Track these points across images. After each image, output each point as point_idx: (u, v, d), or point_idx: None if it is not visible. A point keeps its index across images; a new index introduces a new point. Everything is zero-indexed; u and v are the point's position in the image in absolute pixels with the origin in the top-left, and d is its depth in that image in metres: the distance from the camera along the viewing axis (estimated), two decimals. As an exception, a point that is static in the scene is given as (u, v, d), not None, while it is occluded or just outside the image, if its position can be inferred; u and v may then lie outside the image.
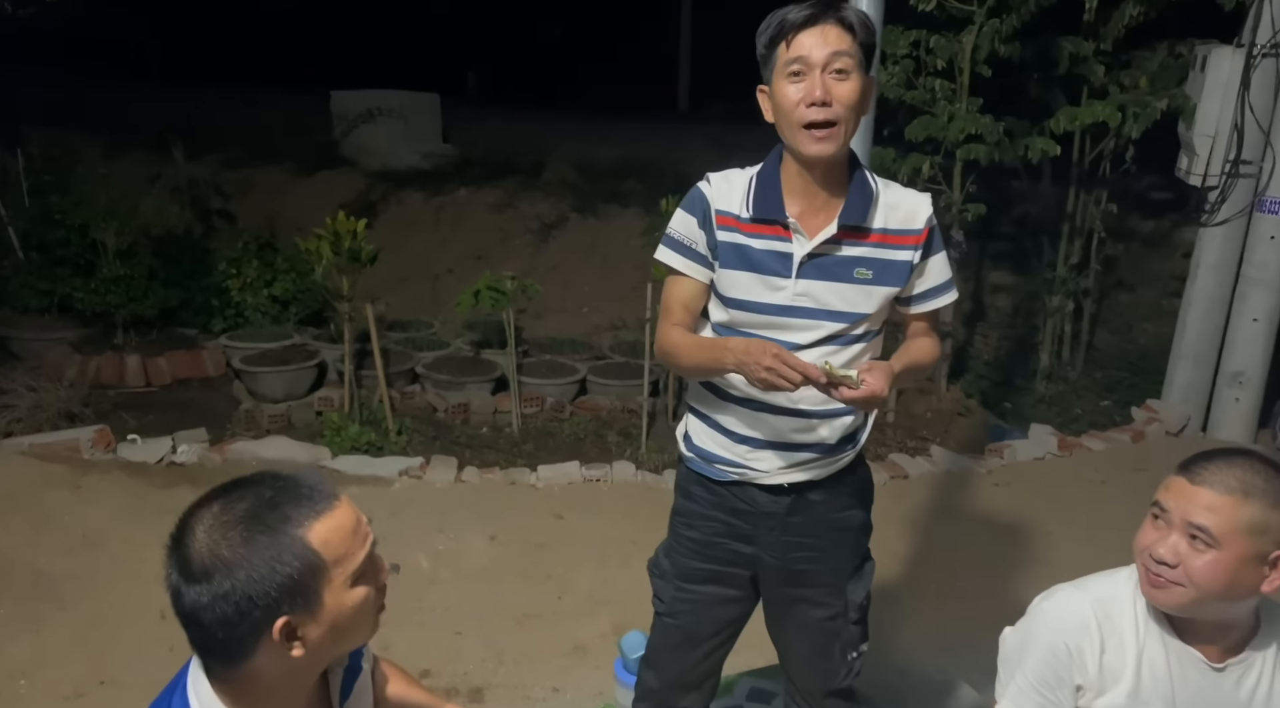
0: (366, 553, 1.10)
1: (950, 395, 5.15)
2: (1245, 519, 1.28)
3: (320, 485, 1.08)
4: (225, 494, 1.06)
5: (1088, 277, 5.53)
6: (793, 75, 1.55)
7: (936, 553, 3.74)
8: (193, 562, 1.02)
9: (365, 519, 1.13)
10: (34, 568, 3.31)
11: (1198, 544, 1.29)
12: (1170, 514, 1.32)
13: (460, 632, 3.20)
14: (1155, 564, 1.33)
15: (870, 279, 1.63)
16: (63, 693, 2.80)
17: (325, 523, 1.06)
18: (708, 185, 1.68)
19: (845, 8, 1.55)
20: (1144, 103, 4.67)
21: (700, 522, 1.82)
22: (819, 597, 1.81)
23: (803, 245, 1.61)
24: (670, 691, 1.93)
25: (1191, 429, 4.88)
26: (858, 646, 1.87)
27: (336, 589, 1.06)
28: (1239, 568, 1.29)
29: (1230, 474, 1.29)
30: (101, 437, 3.96)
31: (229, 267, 5.66)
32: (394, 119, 8.51)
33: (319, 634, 1.06)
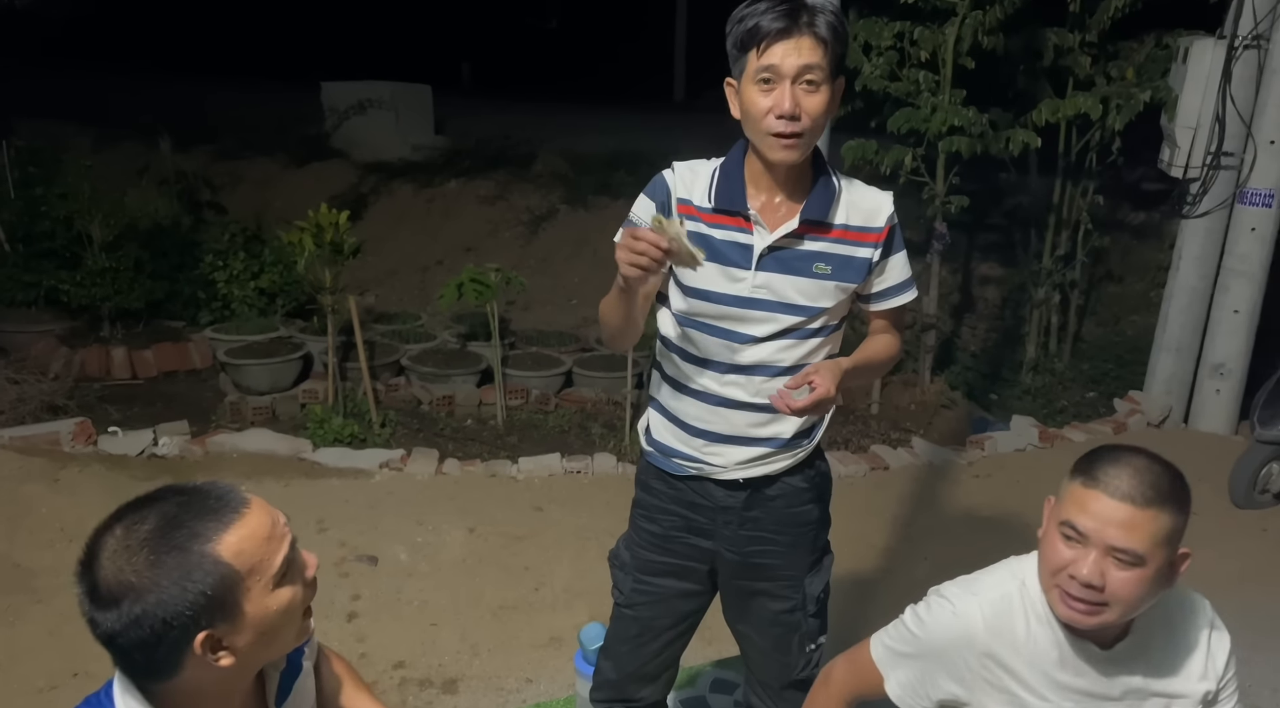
0: (285, 554, 1.08)
1: (934, 387, 5.16)
2: (1163, 530, 1.28)
3: (227, 495, 1.06)
4: (129, 515, 1.03)
5: (1074, 268, 5.53)
6: (763, 83, 1.53)
7: (915, 545, 3.75)
8: (100, 589, 1.00)
9: (282, 519, 1.11)
10: (10, 561, 3.32)
11: (1121, 563, 1.28)
12: (1088, 536, 1.29)
13: (436, 623, 3.22)
14: (1081, 588, 1.29)
15: (829, 274, 1.64)
16: (36, 685, 2.81)
17: (235, 533, 1.03)
18: (671, 173, 1.68)
19: (819, 17, 1.53)
20: (1128, 95, 4.66)
21: (659, 515, 1.82)
22: (777, 590, 1.82)
23: (763, 238, 1.61)
24: (627, 682, 1.94)
25: (1173, 420, 4.88)
26: (816, 638, 1.88)
27: (257, 596, 1.05)
28: (1158, 578, 1.30)
29: (1144, 481, 1.27)
30: (82, 429, 3.97)
31: (215, 259, 5.67)
32: (385, 110, 8.50)
33: (246, 641, 1.06)
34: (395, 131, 8.47)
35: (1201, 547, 3.86)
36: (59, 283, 5.37)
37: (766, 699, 1.92)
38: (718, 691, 2.39)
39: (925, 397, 5.12)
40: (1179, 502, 1.29)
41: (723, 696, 2.38)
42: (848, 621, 3.26)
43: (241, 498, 1.07)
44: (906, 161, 4.61)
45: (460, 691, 2.94)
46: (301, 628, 1.14)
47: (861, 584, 3.48)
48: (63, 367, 5.04)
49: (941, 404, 5.09)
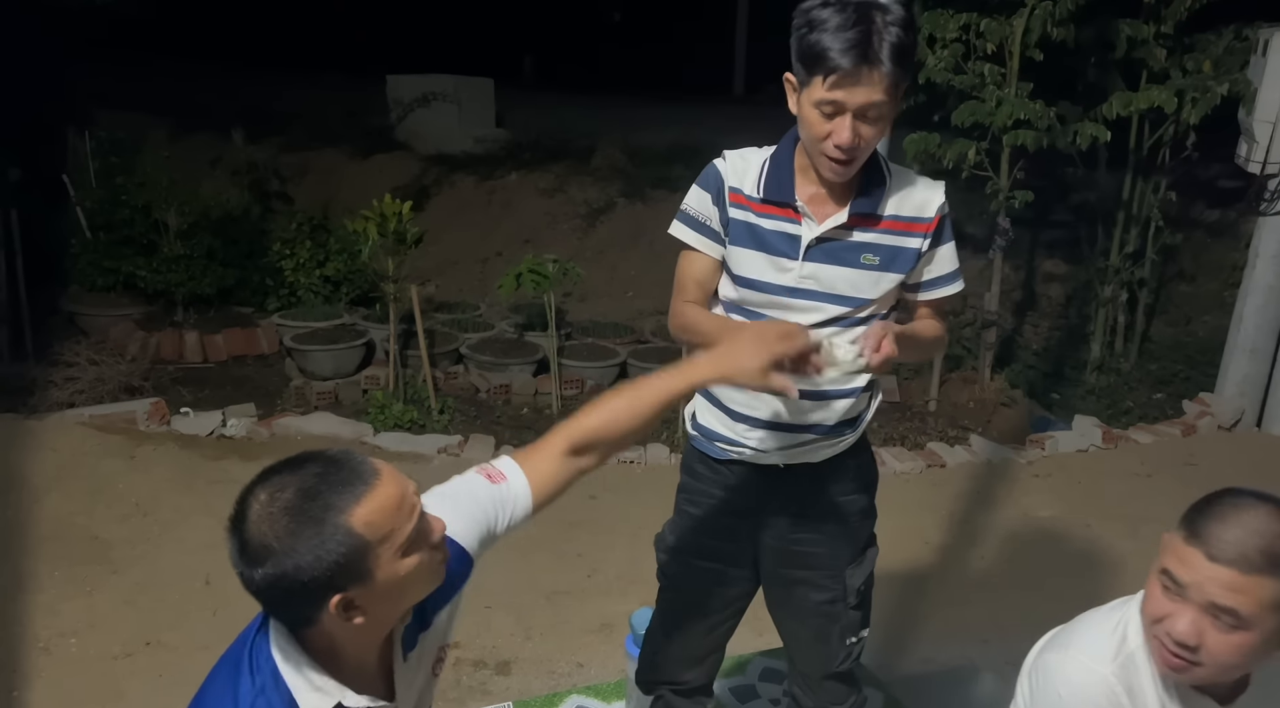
0: (414, 525, 1.14)
1: (994, 385, 5.07)
2: (1273, 597, 1.16)
3: (360, 467, 1.12)
4: (272, 480, 1.11)
5: (1143, 266, 5.39)
6: (825, 108, 1.50)
7: (970, 543, 3.71)
8: (248, 548, 1.08)
9: (411, 488, 1.17)
10: (89, 533, 3.47)
11: (1221, 624, 1.18)
12: (1187, 590, 1.20)
13: (490, 606, 3.28)
14: (1175, 645, 1.21)
15: (877, 265, 1.63)
16: (111, 653, 2.94)
17: (366, 505, 1.10)
18: (723, 162, 1.68)
19: (889, 47, 1.45)
20: (1204, 88, 4.53)
21: (702, 499, 1.84)
22: (818, 580, 1.82)
23: (811, 229, 1.62)
24: (671, 664, 1.96)
25: (1246, 424, 4.74)
26: (857, 631, 1.87)
27: (387, 563, 1.11)
28: (1266, 644, 1.20)
29: (1251, 546, 1.16)
30: (157, 409, 4.13)
31: (283, 247, 5.82)
32: (448, 103, 8.61)
33: (377, 602, 1.13)
34: (457, 124, 8.57)
35: None
36: (136, 269, 5.58)
37: (807, 690, 1.93)
38: (767, 679, 2.41)
39: (985, 394, 5.04)
40: None
41: (772, 684, 2.39)
42: (901, 618, 3.25)
43: (373, 470, 1.13)
44: (970, 155, 4.54)
45: (513, 672, 3.00)
46: (434, 580, 1.21)
47: (915, 581, 3.46)
48: (139, 349, 5.24)
49: (1001, 403, 5.00)
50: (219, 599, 3.19)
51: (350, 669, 1.18)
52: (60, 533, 3.45)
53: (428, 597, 1.24)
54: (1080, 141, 4.48)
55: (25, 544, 3.36)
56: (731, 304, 1.72)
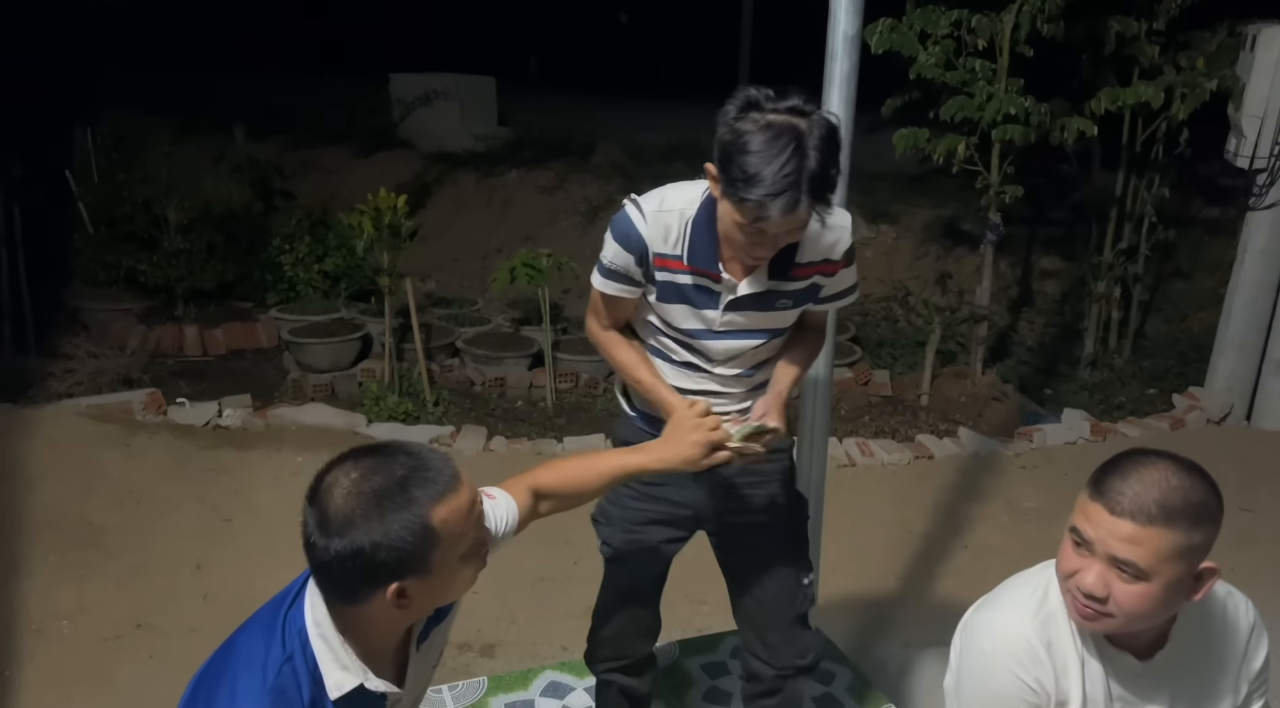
0: (477, 533, 1.22)
1: (986, 380, 5.10)
2: (1169, 547, 1.21)
3: (445, 468, 1.19)
4: (363, 463, 1.17)
5: (1137, 262, 5.41)
6: (745, 231, 1.50)
7: (955, 533, 3.74)
8: (330, 519, 1.13)
9: (480, 500, 1.25)
10: (83, 519, 3.53)
11: (1125, 576, 1.23)
12: (1093, 545, 1.25)
13: (477, 591, 3.26)
14: (1084, 597, 1.27)
15: (791, 306, 1.72)
16: (101, 634, 3.00)
17: (446, 505, 1.17)
18: (643, 224, 1.64)
19: (814, 174, 1.42)
20: (1193, 83, 4.54)
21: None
22: (764, 521, 1.89)
23: (731, 289, 1.66)
24: (625, 638, 2.01)
25: (1235, 418, 4.76)
26: (808, 571, 1.97)
27: (447, 563, 1.18)
28: (1168, 593, 1.25)
29: (1148, 499, 1.21)
30: (153, 400, 4.19)
31: (282, 243, 5.88)
32: (450, 102, 8.67)
33: (423, 597, 1.20)
34: (459, 122, 8.64)
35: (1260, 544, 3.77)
36: (137, 264, 5.64)
37: (770, 652, 1.96)
38: (738, 657, 2.44)
39: (976, 389, 5.06)
40: (1194, 518, 1.22)
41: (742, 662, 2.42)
42: (881, 604, 3.29)
43: (456, 473, 1.20)
44: (960, 150, 4.57)
45: (497, 655, 3.04)
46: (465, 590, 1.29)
47: (897, 569, 3.50)
48: (139, 343, 5.31)
49: (993, 397, 5.03)
50: (210, 584, 3.24)
51: (373, 653, 1.24)
52: (54, 519, 3.50)
53: None
54: (1068, 136, 4.50)
55: (19, 530, 3.42)
56: (662, 335, 1.77)
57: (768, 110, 1.45)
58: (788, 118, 1.44)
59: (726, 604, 3.15)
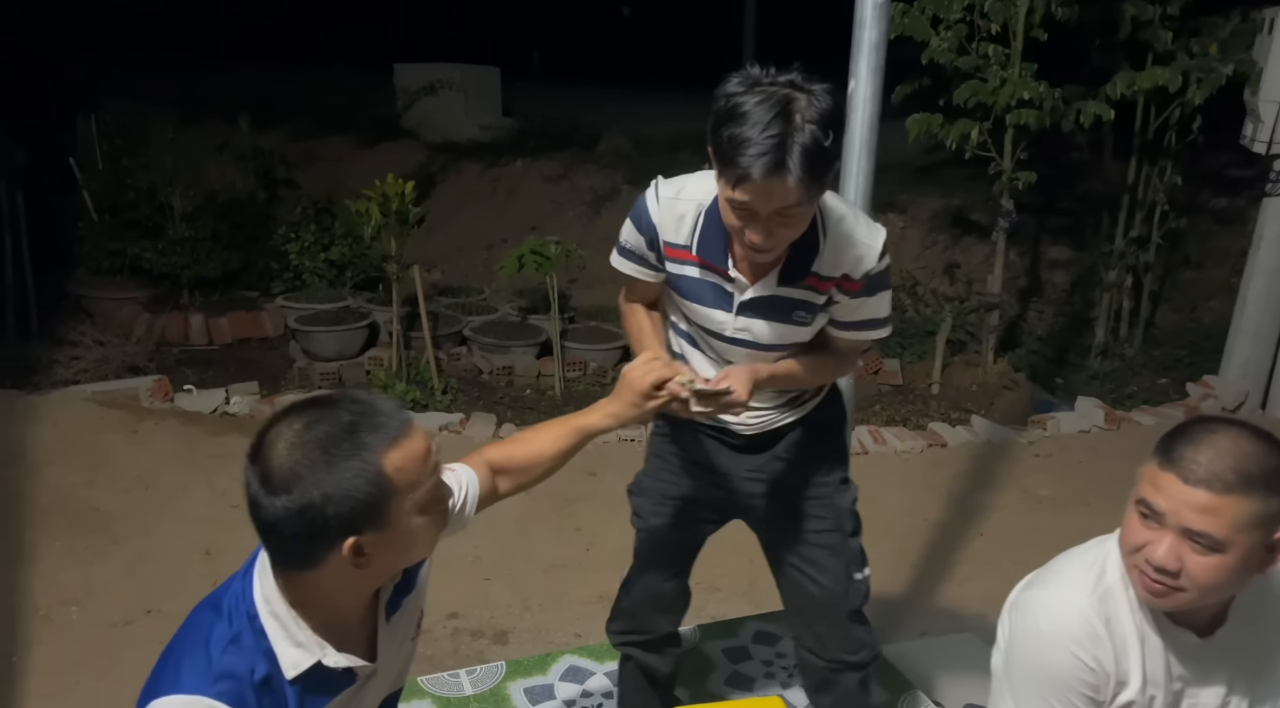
0: (434, 482, 1.15)
1: (997, 369, 5.06)
2: (1247, 516, 1.16)
3: (395, 413, 1.13)
4: (305, 413, 1.10)
5: (1148, 251, 5.37)
6: (736, 209, 1.44)
7: (969, 521, 3.71)
8: (274, 475, 1.06)
9: (435, 447, 1.17)
10: (90, 505, 3.49)
11: (1198, 547, 1.18)
12: (1164, 516, 1.20)
13: (489, 578, 3.29)
14: (1155, 572, 1.21)
15: (807, 321, 1.64)
16: (110, 620, 2.96)
17: (399, 451, 1.10)
18: (658, 209, 1.62)
19: (805, 147, 1.35)
20: (1209, 68, 4.50)
21: (679, 439, 1.87)
22: (809, 509, 1.82)
23: (742, 290, 1.61)
24: (645, 611, 1.98)
25: (1250, 406, 4.72)
26: (861, 566, 1.86)
27: (404, 514, 1.11)
28: (1242, 564, 1.20)
29: (1224, 466, 1.16)
30: (160, 386, 4.16)
31: (288, 231, 5.85)
32: (455, 92, 8.63)
33: (384, 554, 1.12)
34: (464, 113, 8.59)
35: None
36: (142, 251, 5.61)
37: (820, 645, 1.89)
38: (760, 642, 2.42)
39: (988, 378, 5.03)
40: (1270, 485, 1.16)
41: (764, 647, 2.40)
42: (898, 593, 3.25)
43: (407, 418, 1.13)
44: (973, 136, 4.53)
45: (510, 642, 3.01)
46: (428, 548, 1.22)
47: (913, 558, 3.46)
48: (144, 331, 5.27)
49: (1004, 386, 4.99)
50: (219, 569, 3.19)
51: (334, 625, 1.17)
52: (61, 505, 3.47)
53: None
54: (1084, 121, 4.46)
55: (26, 515, 3.38)
56: (685, 334, 1.75)
57: (765, 84, 1.39)
58: (785, 89, 1.38)
59: (741, 591, 3.13)
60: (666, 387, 1.51)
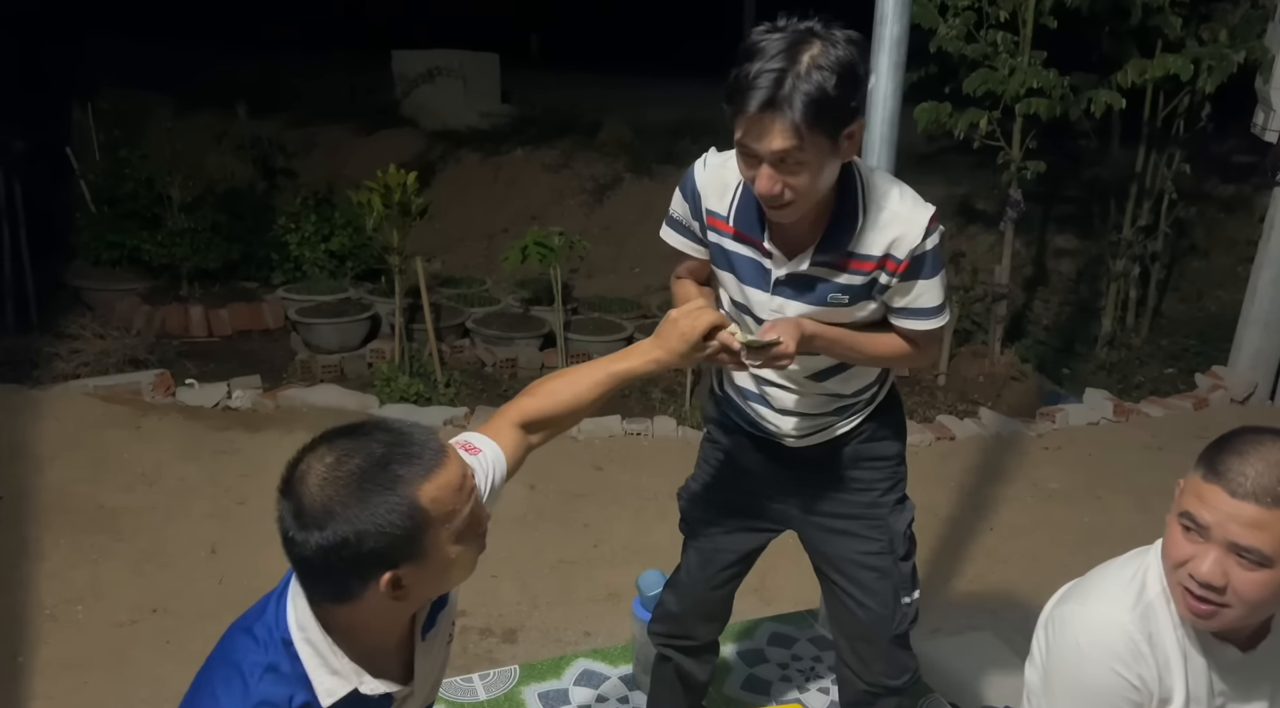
0: (471, 509, 1.12)
1: (1004, 359, 5.03)
2: None
3: (429, 443, 1.10)
4: (337, 445, 1.07)
5: (1156, 240, 5.33)
6: (742, 152, 1.40)
7: (979, 515, 3.69)
8: (307, 511, 1.04)
9: (471, 473, 1.15)
10: (95, 502, 3.46)
11: (1245, 563, 1.15)
12: (1209, 530, 1.16)
13: (497, 576, 3.27)
14: (1200, 588, 1.18)
15: (845, 303, 1.56)
16: (117, 619, 2.94)
17: (434, 482, 1.08)
18: (703, 174, 1.59)
19: (807, 92, 1.29)
20: (1220, 56, 4.45)
21: (725, 454, 1.82)
22: (859, 530, 1.75)
23: (779, 266, 1.55)
24: (689, 618, 1.94)
25: (1259, 397, 4.70)
26: (910, 590, 1.79)
27: (442, 544, 1.09)
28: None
29: (1273, 479, 1.12)
30: (162, 381, 4.12)
31: (288, 222, 5.79)
32: (454, 79, 8.56)
33: (422, 584, 1.11)
34: (463, 100, 8.52)
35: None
36: (141, 243, 5.54)
37: (862, 663, 1.83)
38: (775, 644, 2.39)
39: (995, 368, 5.00)
40: None
41: (780, 649, 2.37)
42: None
43: (441, 448, 1.11)
44: (981, 125, 4.48)
45: (519, 640, 2.99)
46: (469, 573, 1.18)
47: (924, 553, 3.42)
48: (144, 323, 5.22)
49: (1011, 377, 4.96)
50: (225, 568, 3.18)
51: (370, 651, 1.15)
52: (65, 502, 3.44)
53: None
54: (1095, 109, 4.42)
55: (30, 513, 3.35)
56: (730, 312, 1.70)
57: (787, 27, 1.35)
58: (802, 32, 1.33)
59: (757, 590, 3.10)
60: (718, 336, 1.45)
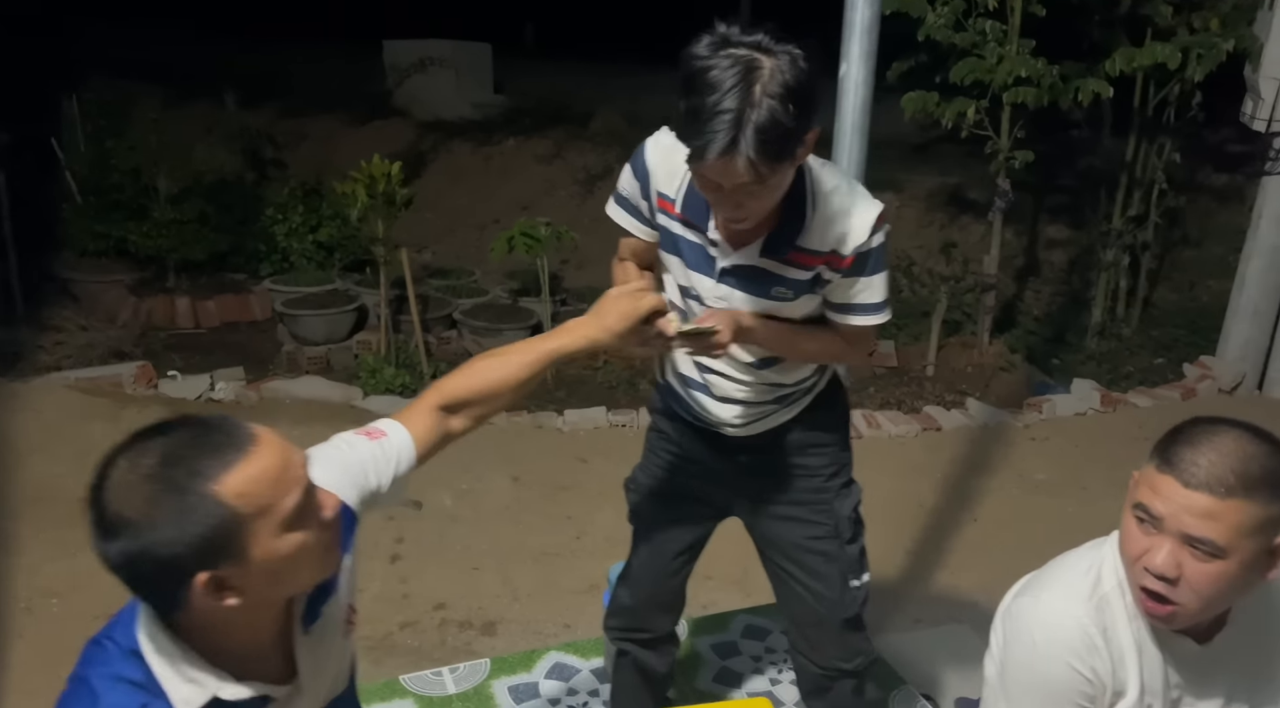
0: (298, 499, 1.03)
1: (993, 350, 5.01)
2: (1249, 521, 1.11)
3: (234, 432, 1.01)
4: (135, 446, 1.00)
5: (1146, 230, 5.31)
6: (702, 180, 1.38)
7: (964, 506, 3.68)
8: (105, 519, 0.98)
9: (299, 460, 1.06)
10: (73, 495, 3.38)
11: (1198, 553, 1.14)
12: (1162, 522, 1.15)
13: (478, 568, 3.26)
14: (1155, 581, 1.16)
15: (789, 298, 1.55)
16: (93, 613, 2.90)
17: (239, 474, 0.99)
18: (655, 154, 1.56)
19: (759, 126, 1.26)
20: (1209, 44, 4.42)
21: (670, 445, 1.82)
22: (805, 515, 1.75)
23: (725, 256, 1.53)
24: (644, 610, 1.94)
25: (1247, 387, 4.68)
26: (859, 573, 1.79)
27: (264, 539, 1.01)
28: (1244, 571, 1.15)
29: (1225, 469, 1.11)
30: (143, 373, 4.10)
31: (275, 212, 5.76)
32: (445, 69, 8.51)
33: (254, 583, 1.02)
34: (455, 90, 8.48)
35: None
36: (127, 234, 5.51)
37: (812, 648, 1.85)
38: (749, 636, 2.38)
39: (984, 359, 4.98)
40: (1273, 488, 1.12)
41: (754, 641, 2.36)
42: (890, 579, 3.22)
43: (250, 435, 1.02)
44: (969, 114, 4.45)
45: (499, 633, 2.97)
46: (325, 563, 1.11)
47: (906, 543, 3.43)
48: (130, 315, 5.20)
49: (1000, 367, 4.94)
50: (203, 560, 3.17)
51: (236, 653, 1.08)
52: (44, 495, 3.42)
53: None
54: (1083, 98, 4.38)
55: (9, 506, 3.33)
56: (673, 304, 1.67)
57: (733, 44, 1.29)
58: (749, 52, 1.28)
59: (733, 580, 3.09)
60: (657, 322, 1.43)
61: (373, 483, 1.28)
